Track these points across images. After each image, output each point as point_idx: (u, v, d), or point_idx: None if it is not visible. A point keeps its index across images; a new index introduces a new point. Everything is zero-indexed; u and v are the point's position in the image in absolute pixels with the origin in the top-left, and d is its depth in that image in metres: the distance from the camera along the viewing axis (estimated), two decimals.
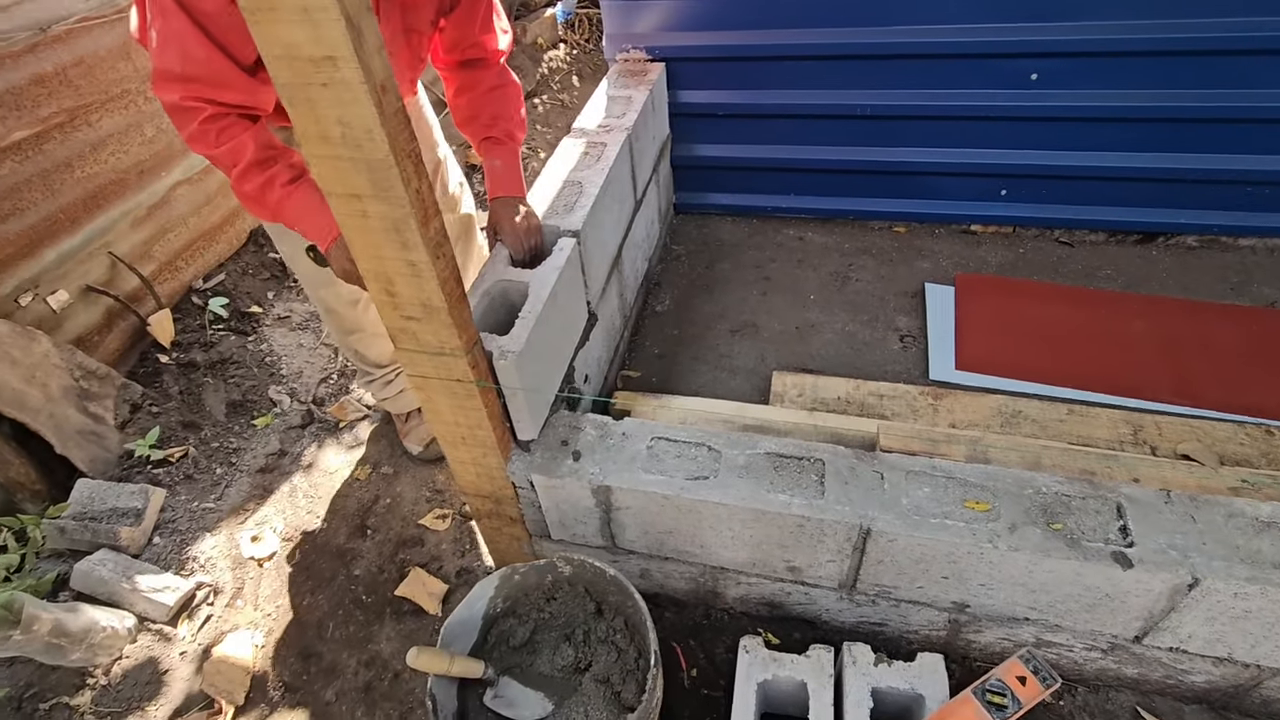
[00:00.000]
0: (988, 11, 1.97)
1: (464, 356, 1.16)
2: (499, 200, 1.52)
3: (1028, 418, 1.71)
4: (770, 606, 1.52)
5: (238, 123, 1.22)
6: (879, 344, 2.12)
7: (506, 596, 1.36)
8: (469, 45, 1.49)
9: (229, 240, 2.62)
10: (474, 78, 1.54)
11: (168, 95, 1.18)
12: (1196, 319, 2.04)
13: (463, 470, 1.42)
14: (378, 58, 0.84)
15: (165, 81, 1.17)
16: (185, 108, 1.18)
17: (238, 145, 1.22)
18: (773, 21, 2.16)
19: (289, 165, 1.27)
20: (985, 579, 1.24)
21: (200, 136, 1.21)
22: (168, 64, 1.15)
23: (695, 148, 2.51)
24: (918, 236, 2.50)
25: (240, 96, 1.20)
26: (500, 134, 1.54)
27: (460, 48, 1.50)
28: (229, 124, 1.21)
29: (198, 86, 1.16)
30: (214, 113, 1.19)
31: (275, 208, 1.28)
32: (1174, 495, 1.21)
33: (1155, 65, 1.97)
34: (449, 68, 1.55)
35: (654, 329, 2.27)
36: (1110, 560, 1.14)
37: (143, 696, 1.61)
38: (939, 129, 2.24)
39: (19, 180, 1.92)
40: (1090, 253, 2.36)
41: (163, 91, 1.18)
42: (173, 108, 1.19)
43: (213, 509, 1.97)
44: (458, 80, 1.56)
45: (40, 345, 1.93)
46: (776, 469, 1.32)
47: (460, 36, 1.48)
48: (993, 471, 1.28)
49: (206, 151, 1.24)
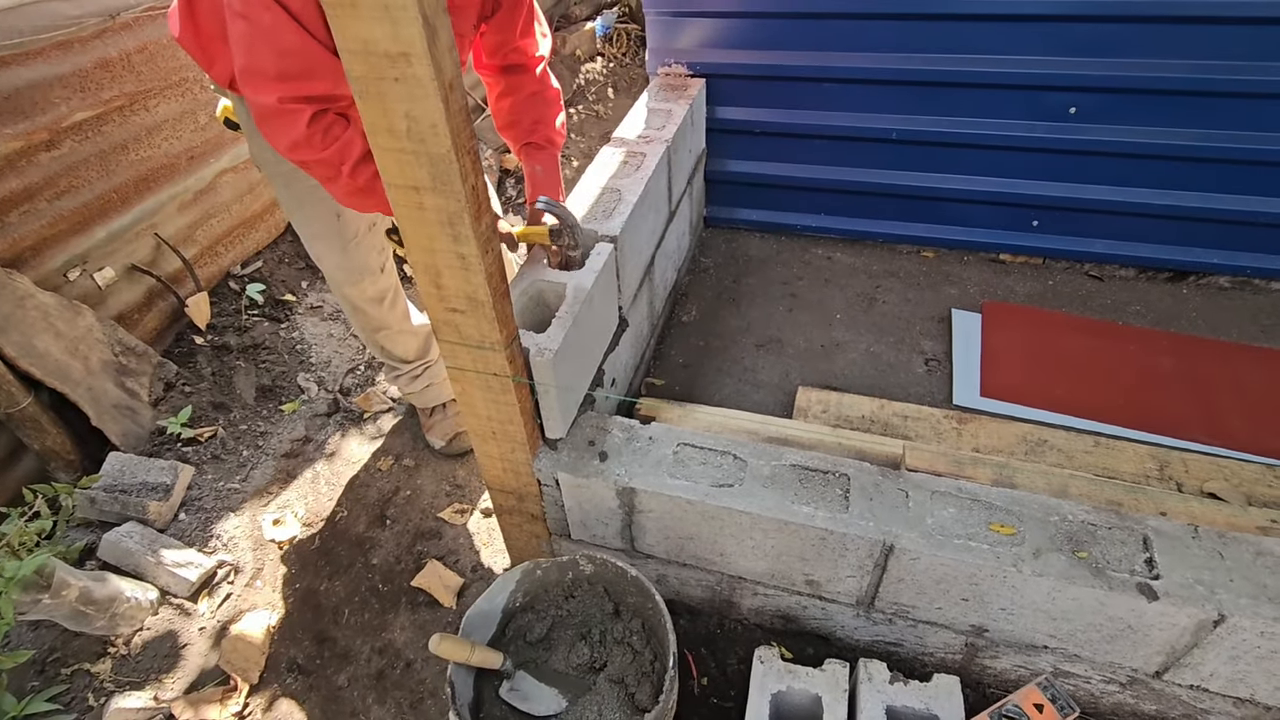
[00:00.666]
0: (1031, 45, 1.99)
1: (503, 351, 1.18)
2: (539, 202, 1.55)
3: (1053, 447, 1.71)
4: (785, 620, 1.52)
5: (338, 121, 1.23)
6: (904, 366, 2.13)
7: (526, 592, 1.38)
8: (510, 50, 1.52)
9: (268, 229, 2.69)
10: (515, 82, 1.57)
11: (263, 97, 1.16)
12: (1227, 360, 2.03)
13: (490, 464, 1.45)
14: (448, 56, 0.88)
15: (260, 81, 1.15)
16: (285, 110, 1.17)
17: (346, 142, 1.23)
18: (813, 44, 2.19)
19: None
20: (1006, 603, 1.24)
21: (306, 141, 1.20)
22: (260, 62, 1.14)
23: (729, 163, 2.54)
24: (946, 262, 2.50)
25: (331, 84, 1.18)
26: (541, 139, 1.57)
27: (501, 52, 1.52)
28: (331, 122, 1.22)
29: (295, 84, 1.15)
30: (314, 112, 1.19)
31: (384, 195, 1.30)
32: (1201, 530, 1.21)
33: (1194, 104, 1.98)
34: (491, 72, 1.59)
35: (680, 339, 2.29)
36: (1135, 591, 1.13)
37: (161, 668, 1.63)
38: (974, 157, 2.26)
39: (77, 159, 1.98)
40: (1120, 288, 2.35)
41: (257, 92, 1.16)
42: (271, 112, 1.18)
43: (238, 489, 2.00)
44: (500, 85, 1.59)
45: (85, 319, 1.98)
46: (802, 481, 1.33)
47: (501, 41, 1.50)
48: (1019, 496, 1.28)
49: (312, 156, 1.23)
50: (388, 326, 1.84)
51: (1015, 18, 1.96)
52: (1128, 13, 1.87)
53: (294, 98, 1.17)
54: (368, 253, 1.67)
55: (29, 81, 1.84)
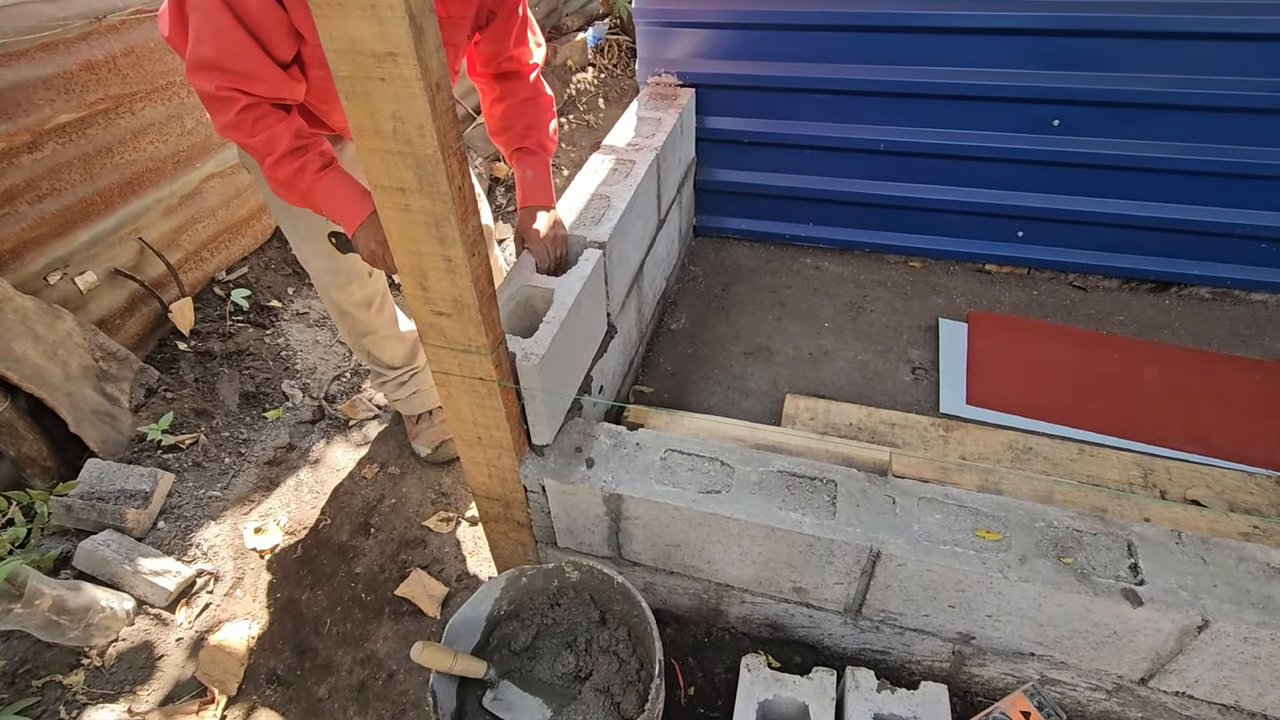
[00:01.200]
0: (1015, 59, 2.02)
1: (489, 355, 1.17)
2: (529, 209, 1.55)
3: (1038, 454, 1.72)
4: (773, 628, 1.51)
5: (272, 112, 1.26)
6: (891, 374, 2.14)
7: (511, 599, 1.36)
8: (504, 59, 1.54)
9: (254, 234, 2.66)
10: (509, 89, 1.58)
11: (204, 84, 1.21)
12: (1208, 369, 2.05)
13: (476, 470, 1.43)
14: (435, 57, 0.88)
15: (201, 70, 1.20)
16: (220, 97, 1.21)
17: (272, 135, 1.26)
18: (802, 56, 2.21)
19: (319, 153, 1.31)
20: (993, 609, 1.24)
21: (236, 125, 1.24)
22: (204, 54, 1.19)
23: (718, 172, 2.55)
24: (933, 272, 2.52)
25: (271, 89, 1.24)
26: (532, 144, 1.58)
27: (495, 61, 1.54)
28: (264, 113, 1.25)
29: (232, 77, 1.20)
30: (249, 102, 1.23)
31: (306, 192, 1.32)
32: (1185, 536, 1.21)
33: (1175, 118, 2.02)
34: (485, 79, 1.60)
35: (668, 346, 2.29)
36: (1120, 597, 1.13)
37: (135, 680, 1.60)
38: (959, 168, 2.29)
39: (60, 162, 1.96)
40: (1103, 298, 2.38)
41: (199, 80, 1.21)
42: (208, 97, 1.23)
43: (219, 497, 1.97)
44: (494, 91, 1.60)
45: (64, 323, 1.95)
46: (789, 488, 1.33)
47: (495, 50, 1.52)
48: (1004, 502, 1.28)
49: (241, 140, 1.28)
50: (374, 331, 1.83)
51: (998, 31, 1.99)
52: (1109, 28, 1.91)
53: (231, 88, 1.21)
54: (354, 257, 1.66)
55: (12, 83, 1.82)
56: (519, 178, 1.57)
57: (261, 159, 1.29)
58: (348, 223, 1.32)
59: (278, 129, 1.26)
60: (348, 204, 1.31)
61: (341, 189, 1.31)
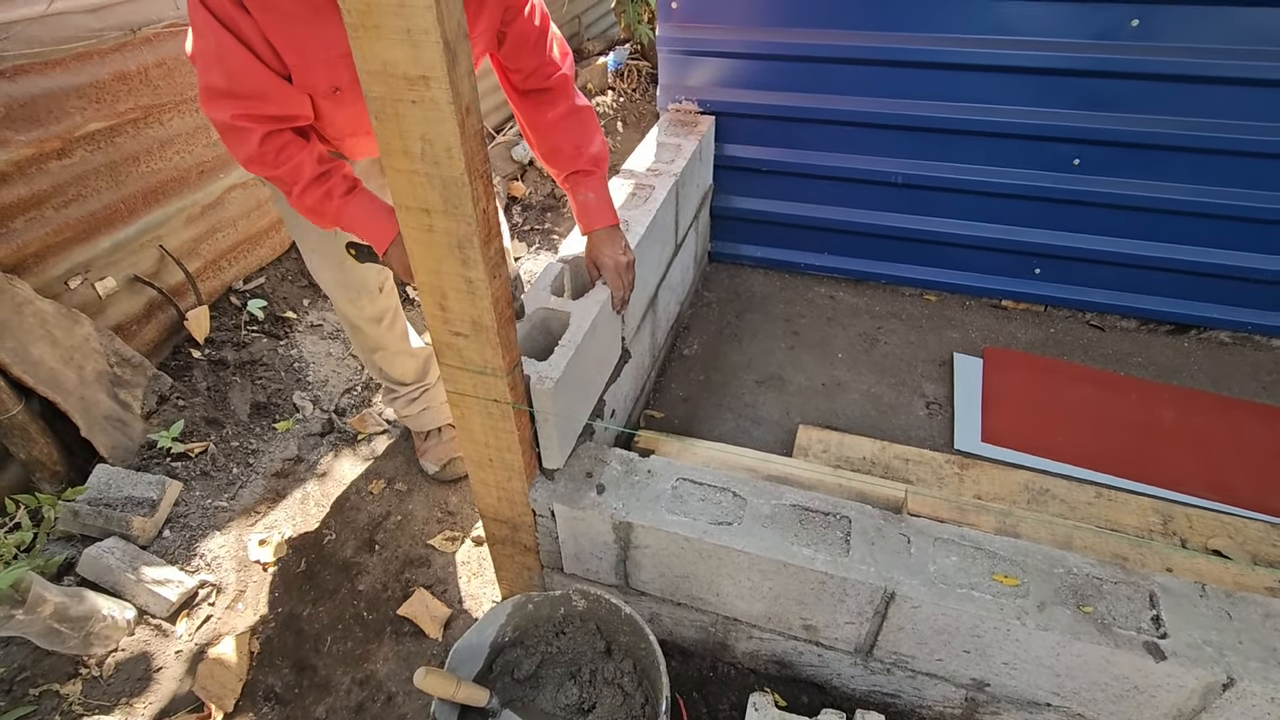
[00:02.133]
0: (1036, 97, 2.03)
1: (505, 377, 1.17)
2: (600, 233, 1.50)
3: (1055, 497, 1.69)
4: (780, 665, 1.48)
5: (293, 141, 1.26)
6: (905, 408, 2.12)
7: (517, 626, 1.34)
8: (528, 74, 1.47)
9: (273, 246, 2.69)
10: (541, 103, 1.51)
11: (218, 114, 1.20)
12: (1229, 415, 2.02)
13: (485, 492, 1.42)
14: (467, 80, 0.88)
15: (214, 99, 1.19)
16: (238, 128, 1.20)
17: (296, 165, 1.25)
18: (822, 87, 2.23)
19: (343, 177, 1.31)
20: (1009, 657, 1.21)
21: (259, 159, 1.23)
22: (213, 80, 1.17)
23: (735, 199, 2.56)
24: (948, 306, 2.51)
25: (281, 107, 1.22)
26: (587, 165, 1.51)
27: (520, 76, 1.48)
28: (285, 142, 1.24)
29: (245, 102, 1.18)
30: (267, 131, 1.22)
31: (335, 216, 1.32)
32: (1209, 589, 1.18)
33: (1197, 161, 2.01)
34: (515, 99, 1.54)
35: (680, 372, 2.28)
36: (1143, 650, 1.10)
37: (132, 692, 1.58)
38: (977, 203, 2.28)
39: (88, 169, 1.99)
40: (1121, 339, 2.35)
41: (213, 110, 1.20)
42: (226, 128, 1.22)
43: (225, 508, 1.96)
44: (528, 111, 1.53)
45: (82, 328, 1.96)
46: (802, 522, 1.31)
47: (516, 68, 1.47)
48: (1023, 546, 1.26)
49: (266, 173, 1.27)
50: (385, 347, 1.83)
51: (1021, 70, 1.99)
52: (1132, 70, 1.91)
53: (246, 115, 1.20)
54: (366, 271, 1.66)
55: (46, 90, 1.85)
56: (579, 203, 1.50)
57: (288, 190, 1.29)
58: (378, 242, 1.32)
59: (300, 158, 1.26)
60: (376, 223, 1.31)
61: (370, 210, 1.31)
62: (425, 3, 0.77)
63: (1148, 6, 1.82)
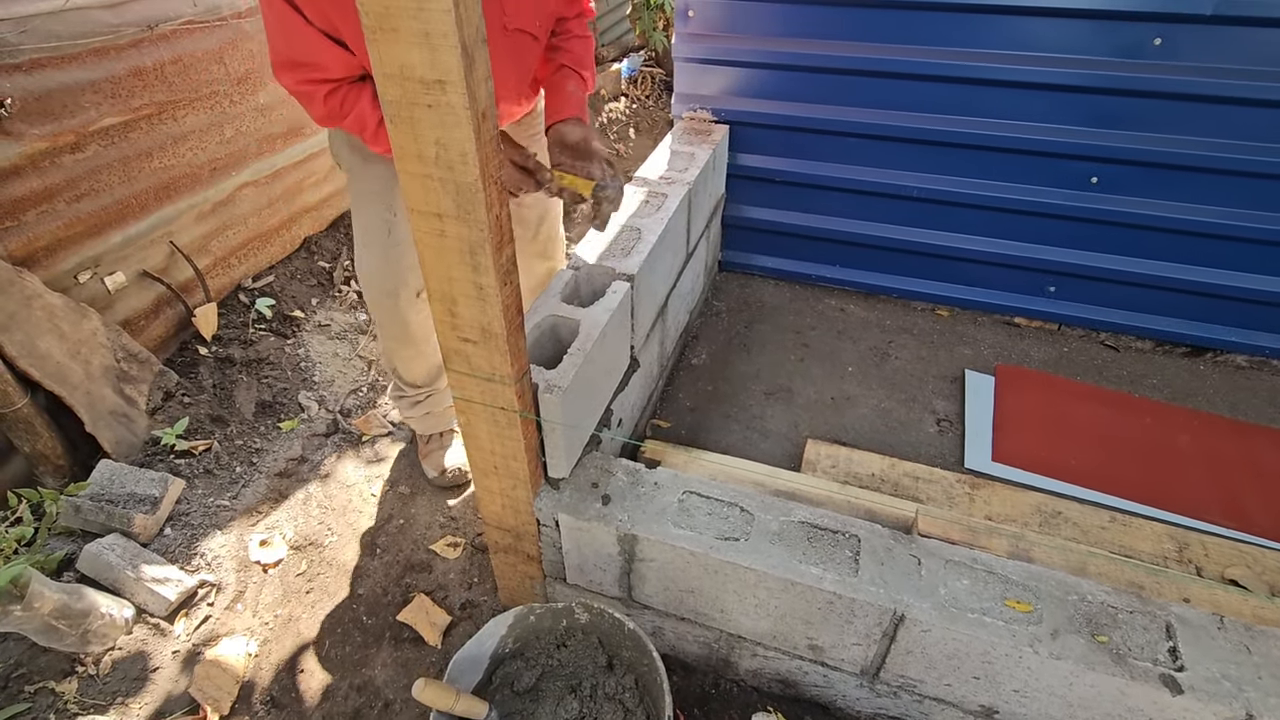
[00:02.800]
0: (1055, 114, 2.01)
1: (512, 385, 1.15)
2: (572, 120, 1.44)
3: (1068, 520, 1.66)
4: (784, 684, 1.45)
5: (351, 90, 1.29)
6: (915, 425, 2.09)
7: (518, 638, 1.32)
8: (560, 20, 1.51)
9: (283, 244, 2.68)
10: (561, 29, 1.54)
11: (286, 81, 1.27)
12: (1245, 440, 1.98)
13: (489, 500, 1.40)
14: (484, 86, 0.87)
15: (280, 68, 1.26)
16: (302, 92, 1.27)
17: (359, 113, 1.30)
18: (838, 99, 2.21)
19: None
20: (1020, 685, 1.18)
21: (329, 115, 1.30)
22: (278, 50, 1.24)
23: (747, 209, 2.55)
24: (960, 322, 2.49)
25: (343, 70, 1.26)
26: (586, 72, 1.53)
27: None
28: (345, 94, 1.29)
29: (306, 69, 1.24)
30: (328, 90, 1.27)
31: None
32: (1228, 621, 1.15)
33: (1216, 182, 1.98)
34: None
35: (688, 382, 2.26)
36: (1159, 683, 1.07)
37: (128, 692, 1.56)
38: (992, 219, 2.26)
39: (101, 164, 1.99)
40: (1136, 360, 2.32)
41: (281, 78, 1.27)
42: (294, 94, 1.29)
43: (227, 506, 1.95)
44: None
45: (90, 323, 1.96)
46: (810, 540, 1.29)
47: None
48: (1036, 571, 1.23)
49: (340, 125, 1.33)
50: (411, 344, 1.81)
51: (1040, 86, 1.98)
52: (1151, 89, 1.89)
53: (308, 80, 1.26)
54: (409, 270, 1.64)
55: (62, 84, 1.86)
56: (558, 92, 1.47)
57: (360, 134, 1.34)
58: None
59: (361, 105, 1.29)
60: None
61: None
62: (444, 6, 0.76)
63: (1171, 25, 1.80)
